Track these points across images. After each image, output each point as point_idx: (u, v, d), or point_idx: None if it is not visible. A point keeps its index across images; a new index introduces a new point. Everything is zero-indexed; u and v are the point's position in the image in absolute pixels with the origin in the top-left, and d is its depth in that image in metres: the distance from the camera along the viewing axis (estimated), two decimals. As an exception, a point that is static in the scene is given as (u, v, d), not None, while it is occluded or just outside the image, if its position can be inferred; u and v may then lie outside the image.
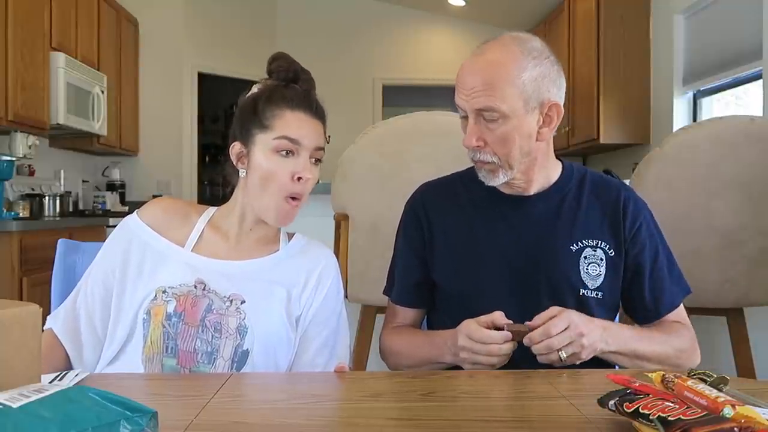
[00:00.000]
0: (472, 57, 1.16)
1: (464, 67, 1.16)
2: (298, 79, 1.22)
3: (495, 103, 1.12)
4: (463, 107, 1.16)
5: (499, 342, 1.04)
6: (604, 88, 4.33)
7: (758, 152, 1.91)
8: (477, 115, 1.14)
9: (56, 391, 0.59)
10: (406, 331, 1.28)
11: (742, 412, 0.64)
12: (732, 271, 1.94)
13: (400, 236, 1.33)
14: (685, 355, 1.20)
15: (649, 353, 1.15)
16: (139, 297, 1.14)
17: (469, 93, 1.14)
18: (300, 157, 1.17)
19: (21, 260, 3.05)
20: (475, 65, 1.15)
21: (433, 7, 6.38)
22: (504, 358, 1.05)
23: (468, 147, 1.17)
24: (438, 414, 0.84)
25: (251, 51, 5.76)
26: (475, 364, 1.06)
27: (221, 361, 1.11)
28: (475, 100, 1.13)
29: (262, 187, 1.17)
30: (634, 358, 1.14)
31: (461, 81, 1.16)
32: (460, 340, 1.07)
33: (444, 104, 3.75)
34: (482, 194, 1.26)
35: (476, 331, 1.06)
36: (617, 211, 1.23)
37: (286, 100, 1.18)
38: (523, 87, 1.13)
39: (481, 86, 1.12)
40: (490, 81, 1.12)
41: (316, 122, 1.19)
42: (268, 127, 1.17)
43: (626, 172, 3.20)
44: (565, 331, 1.04)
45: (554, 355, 1.04)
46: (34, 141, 3.83)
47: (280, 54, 1.24)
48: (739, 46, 3.46)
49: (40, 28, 3.74)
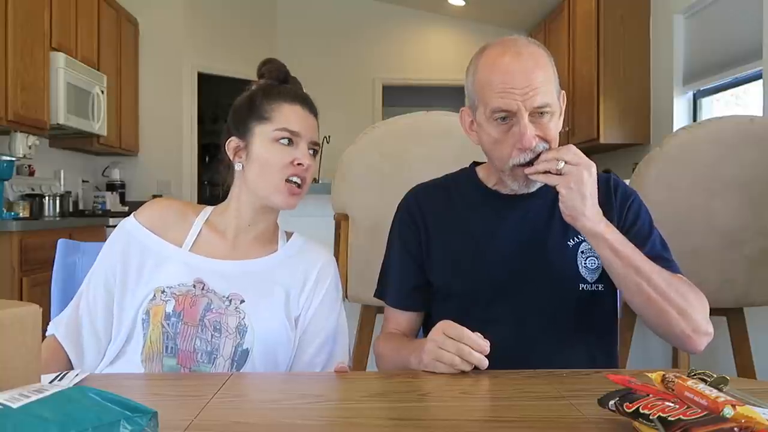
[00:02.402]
0: (511, 57, 1.12)
1: (508, 67, 1.11)
2: (288, 80, 1.27)
3: (550, 98, 1.12)
4: (515, 108, 1.10)
5: (474, 346, 0.97)
6: (604, 88, 4.33)
7: (758, 152, 1.91)
8: (531, 114, 1.11)
9: (56, 391, 0.59)
10: (394, 337, 1.26)
11: (742, 412, 0.64)
12: (732, 271, 1.94)
13: (394, 240, 1.31)
14: (690, 306, 1.10)
15: (652, 275, 1.09)
16: (139, 297, 1.14)
17: (523, 92, 1.10)
18: (299, 147, 1.19)
19: (21, 260, 3.05)
20: (523, 64, 1.11)
21: (433, 7, 6.38)
22: (467, 365, 0.98)
23: (526, 148, 1.11)
24: (438, 414, 0.84)
25: (251, 51, 5.75)
26: (436, 360, 0.99)
27: (221, 360, 1.11)
28: (532, 98, 1.10)
29: (262, 172, 1.18)
30: (631, 269, 1.08)
31: (509, 82, 1.10)
32: (432, 334, 1.02)
33: (444, 104, 3.76)
34: (477, 195, 1.26)
35: (454, 327, 1.00)
36: (609, 196, 1.22)
37: (283, 95, 1.22)
38: (555, 81, 1.15)
39: (536, 84, 1.10)
40: (541, 77, 1.11)
41: (311, 117, 1.23)
42: (267, 119, 1.19)
43: (626, 172, 3.20)
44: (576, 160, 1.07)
45: (552, 164, 1.07)
46: (34, 141, 3.84)
47: (270, 59, 1.29)
48: (739, 46, 3.46)
49: (40, 28, 3.74)
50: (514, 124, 1.12)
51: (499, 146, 1.15)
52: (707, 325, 1.13)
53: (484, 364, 0.98)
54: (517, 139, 1.12)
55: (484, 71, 1.15)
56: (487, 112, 1.13)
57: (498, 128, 1.14)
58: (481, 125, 1.17)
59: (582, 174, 1.06)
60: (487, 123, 1.15)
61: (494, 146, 1.16)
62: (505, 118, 1.12)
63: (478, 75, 1.16)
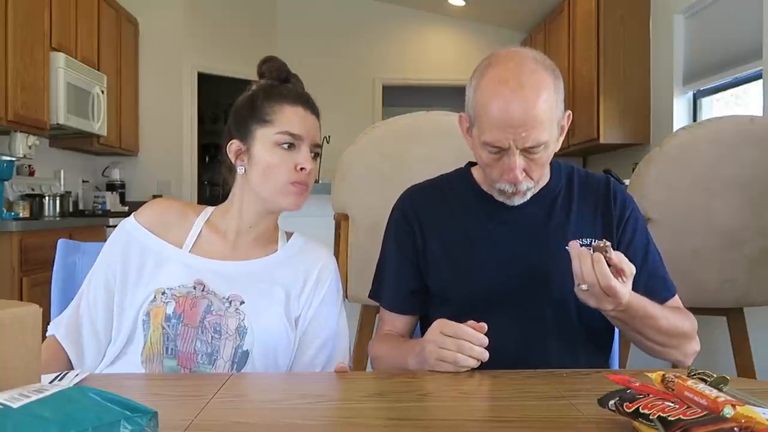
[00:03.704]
0: (511, 92, 1.07)
1: (505, 104, 1.08)
2: (289, 79, 1.25)
3: (546, 136, 1.09)
4: (506, 145, 1.09)
5: (473, 340, 0.99)
6: (604, 88, 4.33)
7: (758, 152, 1.91)
8: (523, 151, 1.10)
9: (56, 391, 0.59)
10: (390, 338, 1.26)
11: (742, 412, 0.64)
12: (732, 271, 1.94)
13: (389, 242, 1.30)
14: (686, 339, 1.15)
15: (660, 322, 1.10)
16: (139, 299, 1.14)
17: (517, 132, 1.07)
18: (301, 150, 1.18)
19: (21, 260, 3.05)
20: (522, 100, 1.07)
21: (433, 7, 6.38)
22: (472, 361, 0.99)
23: (512, 182, 1.13)
24: (438, 414, 0.84)
25: (251, 51, 5.75)
26: (440, 361, 1.00)
27: (221, 361, 1.11)
28: (525, 138, 1.08)
29: (265, 177, 1.18)
30: (649, 329, 1.10)
31: (504, 119, 1.08)
32: (430, 335, 1.03)
33: (444, 104, 3.76)
34: (474, 198, 1.26)
35: (450, 325, 1.01)
36: (608, 203, 1.23)
37: (284, 96, 1.20)
38: (559, 112, 1.13)
39: (532, 123, 1.07)
40: (538, 117, 1.07)
41: (313, 118, 1.22)
42: (268, 122, 1.18)
43: (626, 172, 3.20)
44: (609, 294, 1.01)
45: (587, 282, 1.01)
46: (34, 141, 3.83)
47: (270, 57, 1.27)
48: (739, 46, 3.46)
49: (40, 28, 3.74)
50: (504, 155, 1.12)
51: (488, 169, 1.16)
52: (697, 346, 1.18)
53: (485, 356, 0.99)
54: (505, 169, 1.12)
55: (484, 95, 1.12)
56: (481, 139, 1.13)
57: (489, 155, 1.14)
58: (474, 143, 1.18)
59: (605, 300, 1.02)
60: (480, 147, 1.15)
61: (484, 166, 1.18)
62: (499, 151, 1.12)
63: (478, 95, 1.13)
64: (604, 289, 1.00)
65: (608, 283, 0.99)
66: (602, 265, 0.99)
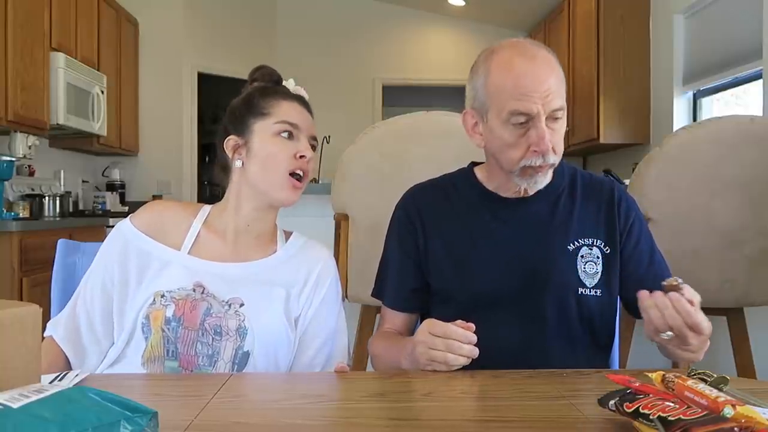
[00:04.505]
0: (528, 61, 1.11)
1: (527, 71, 1.11)
2: (281, 83, 1.29)
3: (563, 102, 1.13)
4: (534, 111, 1.10)
5: (462, 339, 0.99)
6: (604, 88, 4.33)
7: (758, 152, 1.91)
8: (547, 118, 1.12)
9: (56, 391, 0.59)
10: (387, 336, 1.26)
11: (742, 412, 0.64)
12: (732, 271, 1.94)
13: (392, 240, 1.30)
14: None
15: None
16: (139, 302, 1.13)
17: (544, 95, 1.10)
18: (300, 140, 1.21)
19: (21, 260, 3.05)
20: (540, 68, 1.12)
21: (433, 7, 6.38)
22: (462, 359, 0.99)
23: (542, 152, 1.13)
24: (438, 414, 0.84)
25: (251, 51, 5.76)
26: (431, 361, 1.00)
27: (222, 362, 1.10)
28: (552, 101, 1.11)
29: (264, 167, 1.19)
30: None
31: (528, 85, 1.10)
32: (419, 336, 1.04)
33: (444, 104, 3.75)
34: (477, 197, 1.26)
35: (439, 325, 1.01)
36: (612, 206, 1.23)
37: (279, 93, 1.24)
38: (564, 91, 1.16)
39: (554, 86, 1.11)
40: (557, 80, 1.12)
41: (308, 114, 1.25)
42: (267, 114, 1.20)
43: (626, 172, 3.20)
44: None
45: (664, 328, 0.96)
46: (34, 141, 3.83)
47: (262, 65, 1.32)
48: (739, 46, 3.46)
49: (40, 28, 3.74)
50: (530, 127, 1.12)
51: (510, 149, 1.15)
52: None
53: (475, 352, 0.99)
54: (533, 141, 1.12)
55: (498, 74, 1.13)
56: (503, 115, 1.12)
57: (513, 132, 1.13)
58: (491, 129, 1.16)
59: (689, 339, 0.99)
60: (502, 126, 1.14)
61: (505, 149, 1.16)
62: (523, 122, 1.12)
63: (491, 78, 1.14)
64: (690, 327, 0.96)
65: (694, 320, 0.95)
66: (683, 303, 0.95)
